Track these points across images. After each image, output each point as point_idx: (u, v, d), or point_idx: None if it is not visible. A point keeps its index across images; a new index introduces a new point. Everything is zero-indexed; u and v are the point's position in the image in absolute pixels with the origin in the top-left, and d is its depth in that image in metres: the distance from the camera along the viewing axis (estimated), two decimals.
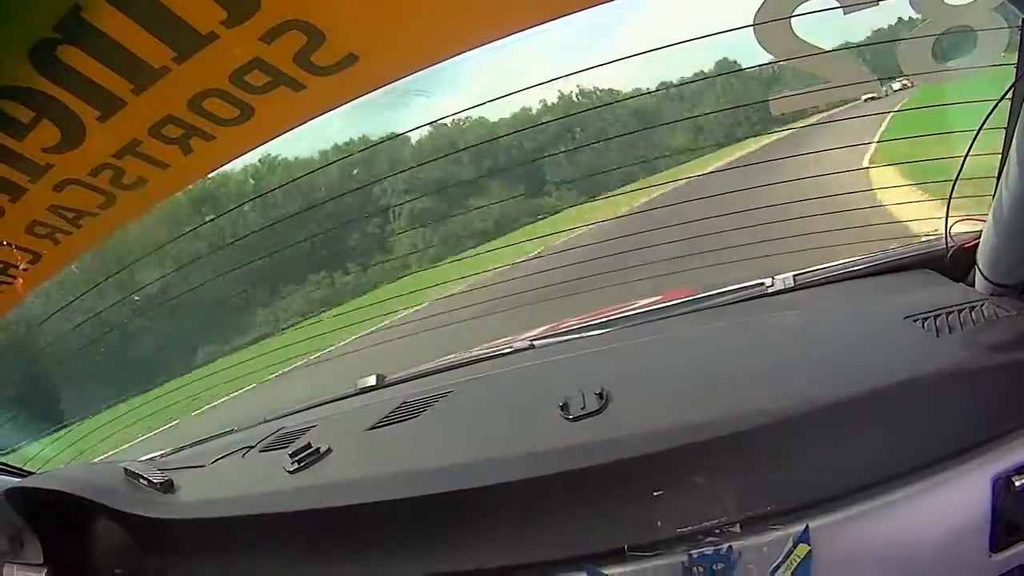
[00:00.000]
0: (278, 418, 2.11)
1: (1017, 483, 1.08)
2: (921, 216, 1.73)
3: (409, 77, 1.32)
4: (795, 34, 1.24)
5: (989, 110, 1.27)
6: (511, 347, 2.03)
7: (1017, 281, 1.29)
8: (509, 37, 1.23)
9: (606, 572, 1.11)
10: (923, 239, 1.72)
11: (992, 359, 1.20)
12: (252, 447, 1.80)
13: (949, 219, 1.53)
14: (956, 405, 1.17)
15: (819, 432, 1.15)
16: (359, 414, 1.81)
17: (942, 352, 1.23)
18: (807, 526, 1.07)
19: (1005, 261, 1.30)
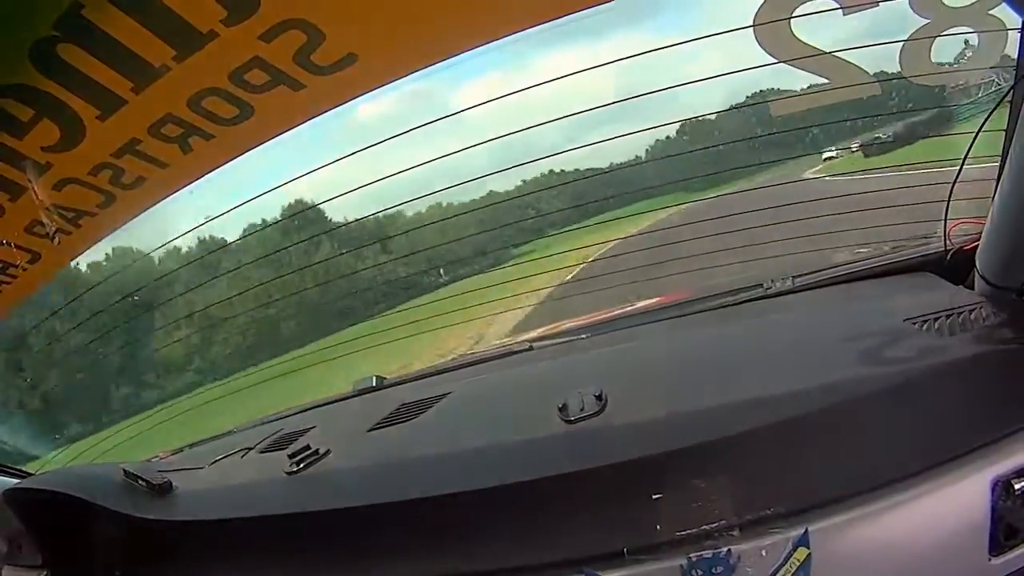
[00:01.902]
0: (277, 419, 2.10)
1: (1016, 486, 1.07)
2: (920, 219, 1.72)
3: None
4: (795, 35, 1.25)
5: (989, 112, 1.27)
6: (510, 349, 2.03)
7: (1016, 283, 1.29)
8: None
9: (604, 575, 1.10)
10: (922, 242, 1.72)
11: (991, 361, 1.20)
12: (251, 448, 1.80)
13: (948, 222, 1.52)
14: (955, 408, 1.17)
15: (818, 435, 1.15)
16: (358, 416, 1.81)
17: (941, 354, 1.23)
18: (806, 529, 1.06)
19: (1004, 263, 1.30)
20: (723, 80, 1.60)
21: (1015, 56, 1.21)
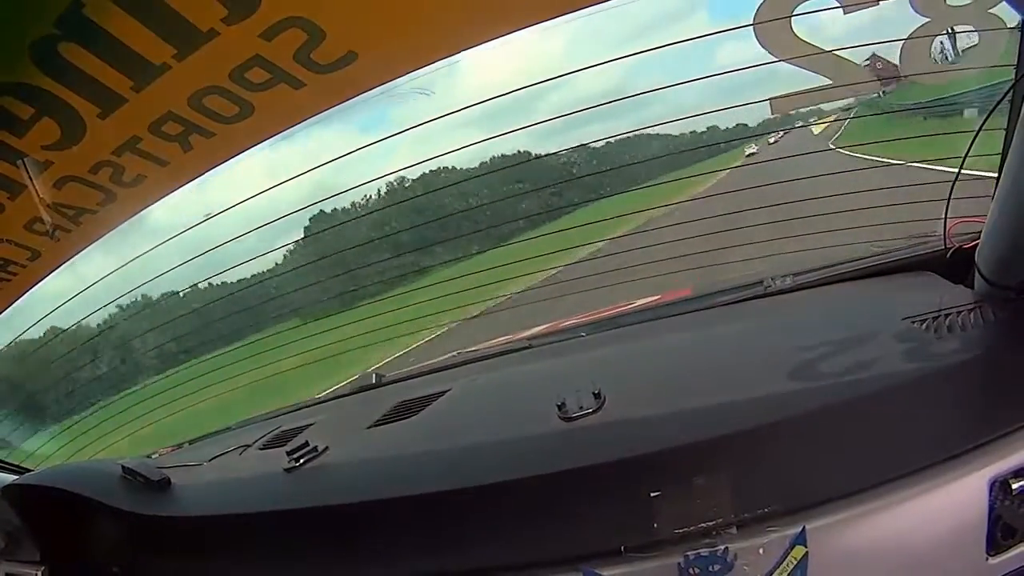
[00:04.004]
0: (276, 416, 2.11)
1: (1014, 485, 1.07)
2: (920, 217, 1.72)
3: None
4: (795, 34, 1.24)
5: (989, 111, 1.27)
6: (508, 346, 2.03)
7: (1016, 283, 1.29)
8: None
9: (602, 572, 1.10)
10: (922, 241, 1.72)
11: (990, 361, 1.20)
12: (250, 445, 1.81)
13: (948, 220, 1.52)
14: (954, 407, 1.17)
15: (816, 433, 1.15)
16: (357, 413, 1.81)
17: (940, 354, 1.23)
18: (804, 528, 1.06)
19: (1004, 263, 1.30)
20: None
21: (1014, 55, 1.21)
